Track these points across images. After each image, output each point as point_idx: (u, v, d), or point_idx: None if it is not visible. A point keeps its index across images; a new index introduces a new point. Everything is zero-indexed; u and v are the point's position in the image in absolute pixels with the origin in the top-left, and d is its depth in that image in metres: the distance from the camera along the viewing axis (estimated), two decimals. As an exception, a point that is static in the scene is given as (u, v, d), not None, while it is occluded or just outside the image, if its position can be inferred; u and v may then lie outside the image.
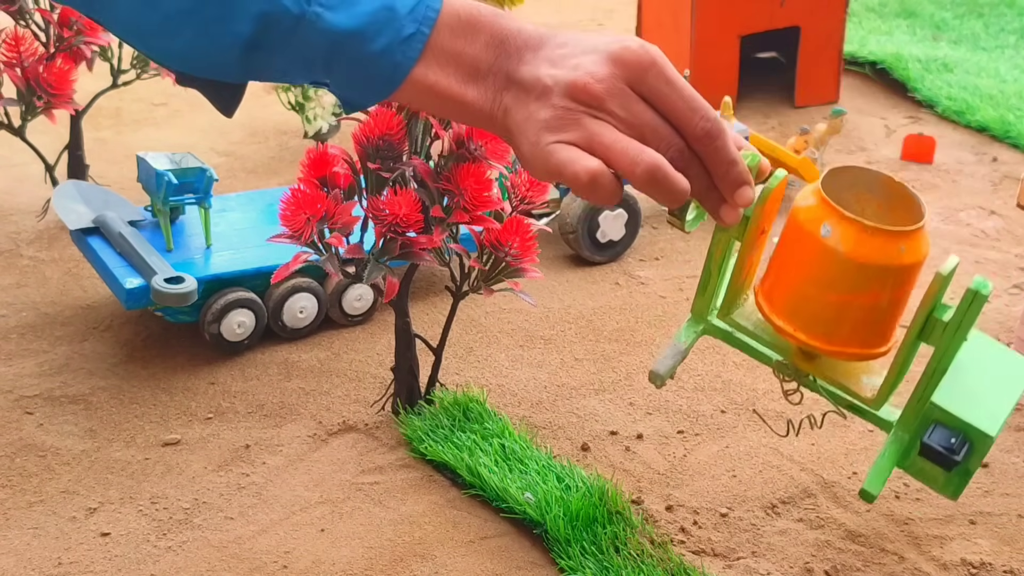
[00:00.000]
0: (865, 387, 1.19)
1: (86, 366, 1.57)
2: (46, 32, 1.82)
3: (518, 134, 0.72)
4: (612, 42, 0.72)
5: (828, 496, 1.32)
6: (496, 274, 1.31)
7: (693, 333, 1.22)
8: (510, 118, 0.73)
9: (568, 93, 0.71)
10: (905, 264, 1.06)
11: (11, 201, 2.04)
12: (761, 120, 2.40)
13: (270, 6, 0.68)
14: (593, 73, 0.71)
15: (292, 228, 1.23)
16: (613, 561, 1.18)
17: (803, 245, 1.09)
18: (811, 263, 1.09)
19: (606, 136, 0.71)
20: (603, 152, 0.71)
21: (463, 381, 1.53)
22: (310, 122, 2.08)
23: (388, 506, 1.30)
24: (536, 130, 0.72)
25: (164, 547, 1.24)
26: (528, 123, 0.72)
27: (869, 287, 1.07)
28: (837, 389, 1.19)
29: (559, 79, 0.71)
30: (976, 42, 2.83)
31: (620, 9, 3.15)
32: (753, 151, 0.87)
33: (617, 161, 0.70)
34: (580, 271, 1.83)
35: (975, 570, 1.21)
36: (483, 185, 1.24)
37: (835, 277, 1.07)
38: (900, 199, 1.11)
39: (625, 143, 0.71)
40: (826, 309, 1.09)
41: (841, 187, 1.11)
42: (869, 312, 1.09)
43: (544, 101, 0.71)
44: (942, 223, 2.00)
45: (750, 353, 1.25)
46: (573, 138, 0.71)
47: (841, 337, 1.10)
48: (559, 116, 0.71)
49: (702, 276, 1.17)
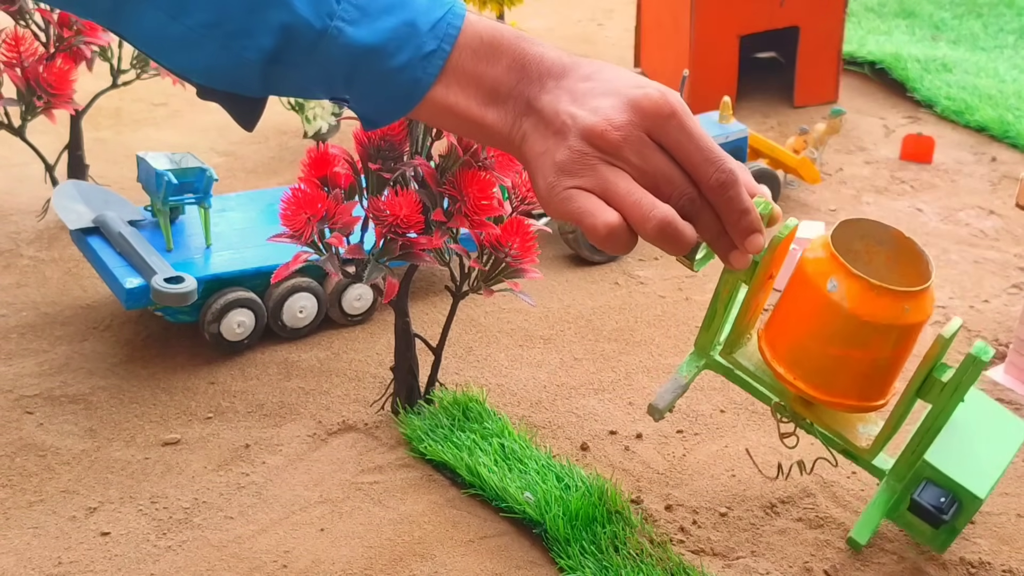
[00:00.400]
0: (860, 436, 1.19)
1: (86, 366, 1.57)
2: (46, 32, 1.82)
3: (534, 168, 0.73)
4: (633, 87, 0.72)
5: (827, 496, 1.32)
6: (496, 274, 1.31)
7: (695, 367, 1.24)
8: (527, 146, 0.74)
9: (585, 136, 0.71)
10: (908, 323, 1.07)
11: (11, 201, 2.04)
12: (760, 120, 2.40)
13: (292, 19, 0.68)
14: (611, 120, 0.71)
15: (292, 228, 1.23)
16: (612, 560, 1.18)
17: (809, 297, 1.10)
18: (815, 316, 1.09)
19: (620, 186, 0.71)
20: (617, 202, 0.71)
21: (463, 381, 1.53)
22: (310, 122, 2.09)
23: (388, 506, 1.30)
24: (552, 171, 0.72)
25: (164, 547, 1.24)
26: (544, 159, 0.73)
27: (871, 344, 1.08)
28: (833, 436, 1.20)
29: (578, 120, 0.71)
30: (975, 42, 2.83)
31: (620, 9, 3.15)
32: (767, 198, 0.87)
33: (629, 214, 0.71)
34: (579, 271, 1.83)
35: (974, 569, 1.21)
36: (485, 192, 1.25)
37: (838, 332, 1.08)
38: (908, 254, 1.12)
39: (638, 196, 0.71)
40: (827, 361, 1.10)
41: (852, 237, 1.13)
42: (869, 367, 1.10)
43: (561, 140, 0.72)
44: (941, 223, 2.01)
45: (750, 391, 1.25)
46: (588, 184, 0.72)
47: (840, 389, 1.11)
48: (575, 159, 0.71)
49: (707, 313, 1.19)
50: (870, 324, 1.06)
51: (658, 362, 1.59)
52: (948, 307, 1.71)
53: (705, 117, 2.03)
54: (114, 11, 0.69)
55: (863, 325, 1.06)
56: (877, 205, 2.06)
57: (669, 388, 1.22)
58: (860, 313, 1.06)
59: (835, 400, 1.12)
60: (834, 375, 1.10)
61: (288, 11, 0.68)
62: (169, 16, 0.68)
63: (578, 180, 0.72)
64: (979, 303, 1.73)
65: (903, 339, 1.09)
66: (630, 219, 0.72)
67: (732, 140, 1.98)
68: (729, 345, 1.20)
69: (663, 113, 0.72)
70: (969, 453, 1.14)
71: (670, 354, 1.60)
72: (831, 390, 1.11)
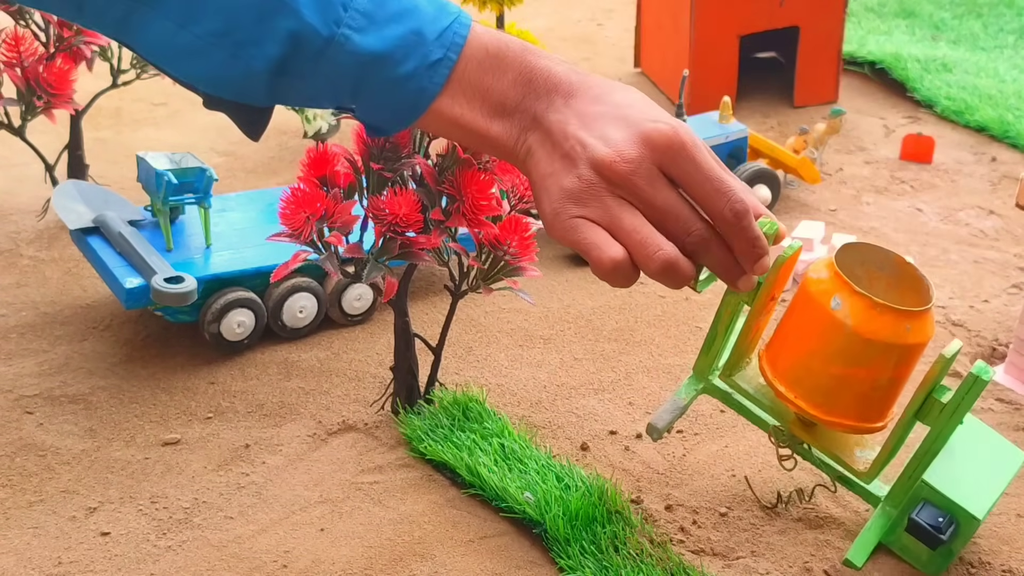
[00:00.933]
0: (858, 460, 1.20)
1: (86, 365, 1.57)
2: (46, 32, 1.82)
3: (540, 189, 0.73)
4: (644, 119, 0.72)
5: (827, 495, 1.32)
6: (495, 273, 1.31)
7: (693, 391, 1.25)
8: (532, 162, 0.74)
9: (594, 166, 0.71)
10: (909, 343, 1.09)
11: (11, 201, 2.04)
12: (760, 120, 2.40)
13: (300, 27, 0.68)
14: (622, 152, 0.71)
15: (292, 227, 1.23)
16: (612, 560, 1.18)
17: (812, 316, 1.11)
18: (818, 334, 1.11)
19: (626, 222, 0.72)
20: (623, 238, 0.72)
21: (462, 381, 1.53)
22: (310, 122, 2.09)
23: (388, 505, 1.30)
24: (559, 197, 0.72)
25: (164, 546, 1.24)
26: (551, 182, 0.73)
27: (872, 363, 1.09)
28: (831, 460, 1.21)
29: (588, 149, 0.71)
30: (975, 42, 2.83)
31: (619, 9, 3.15)
32: (772, 219, 0.87)
33: (634, 251, 0.72)
34: (579, 270, 1.83)
35: (974, 569, 1.21)
36: (484, 192, 1.25)
37: (840, 350, 1.09)
38: (909, 279, 1.13)
39: (644, 234, 0.72)
40: (828, 380, 1.11)
41: (853, 263, 1.14)
42: (870, 387, 1.11)
43: (569, 166, 0.72)
44: (941, 223, 2.01)
45: (747, 416, 1.27)
46: (595, 216, 0.72)
47: (840, 409, 1.12)
48: (583, 189, 0.72)
49: (708, 336, 1.20)
50: (872, 342, 1.07)
51: (658, 362, 1.59)
52: (948, 307, 1.71)
53: (705, 117, 2.03)
54: (123, 21, 0.69)
55: (866, 343, 1.08)
56: (877, 205, 2.06)
57: (668, 409, 1.24)
58: (863, 331, 1.07)
59: (835, 420, 1.13)
60: (835, 394, 1.11)
61: (296, 18, 0.68)
62: (178, 25, 0.68)
63: (585, 210, 0.72)
64: (979, 303, 1.73)
65: (904, 360, 1.10)
66: (635, 256, 0.72)
67: (732, 140, 1.98)
68: (729, 368, 1.21)
69: (674, 147, 0.72)
70: (967, 476, 1.15)
71: (670, 354, 1.60)
72: (832, 410, 1.12)
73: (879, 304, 1.07)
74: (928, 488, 1.14)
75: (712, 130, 1.98)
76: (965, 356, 1.60)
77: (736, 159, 1.99)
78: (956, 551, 1.15)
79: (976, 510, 1.12)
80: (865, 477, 1.19)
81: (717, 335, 1.19)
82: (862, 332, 1.07)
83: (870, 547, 1.19)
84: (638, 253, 0.72)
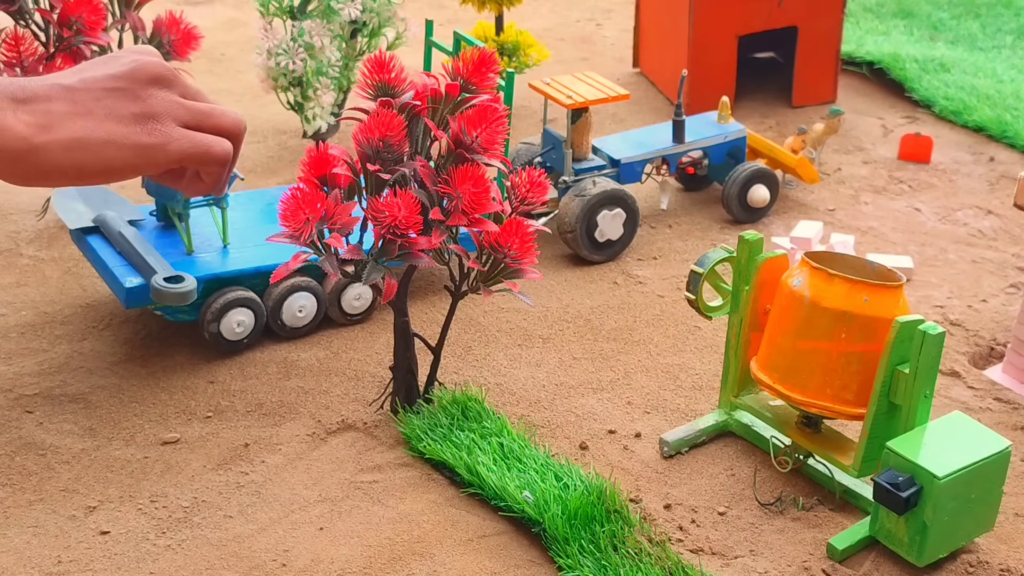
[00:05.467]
0: (852, 459, 1.28)
1: (85, 365, 1.57)
2: (46, 32, 1.82)
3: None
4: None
5: (826, 495, 1.32)
6: (495, 275, 1.32)
7: (715, 423, 1.38)
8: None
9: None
10: (868, 315, 1.18)
11: (11, 201, 2.05)
12: (759, 120, 2.40)
13: None
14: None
15: (292, 228, 1.23)
16: (611, 559, 1.18)
17: (781, 301, 1.23)
18: (785, 312, 1.23)
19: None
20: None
21: (462, 380, 1.53)
22: (309, 121, 2.09)
23: (387, 504, 1.31)
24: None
25: (163, 545, 1.24)
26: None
27: (834, 334, 1.19)
28: (829, 463, 1.28)
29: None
30: (973, 42, 2.83)
31: (618, 9, 3.15)
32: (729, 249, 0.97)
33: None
34: (578, 270, 1.84)
35: (972, 568, 1.22)
36: (481, 188, 1.25)
37: (803, 322, 1.20)
38: (879, 276, 1.25)
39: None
40: (798, 358, 1.21)
41: (831, 263, 1.26)
42: (837, 362, 1.20)
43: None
44: (939, 222, 2.01)
45: (758, 442, 1.36)
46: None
47: (813, 387, 1.21)
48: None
49: (723, 368, 1.34)
50: (829, 311, 1.18)
51: (657, 361, 1.59)
52: (946, 307, 1.72)
53: (704, 117, 2.03)
54: None
55: (823, 312, 1.18)
56: (875, 205, 2.07)
57: (685, 430, 1.35)
58: (819, 300, 1.19)
59: (810, 400, 1.22)
60: (806, 372, 1.21)
61: None
62: None
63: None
64: (977, 302, 1.74)
65: (866, 333, 1.19)
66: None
67: (730, 140, 1.98)
68: (738, 388, 1.33)
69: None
70: (935, 447, 1.20)
71: (668, 353, 1.61)
72: (805, 388, 1.21)
73: (834, 275, 1.18)
74: (892, 454, 1.19)
75: (711, 130, 1.98)
76: (963, 355, 1.60)
77: (735, 159, 1.99)
78: (928, 522, 1.17)
79: (936, 468, 1.16)
80: (852, 470, 1.24)
81: (730, 363, 1.30)
82: (819, 301, 1.18)
83: (855, 536, 1.23)
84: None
